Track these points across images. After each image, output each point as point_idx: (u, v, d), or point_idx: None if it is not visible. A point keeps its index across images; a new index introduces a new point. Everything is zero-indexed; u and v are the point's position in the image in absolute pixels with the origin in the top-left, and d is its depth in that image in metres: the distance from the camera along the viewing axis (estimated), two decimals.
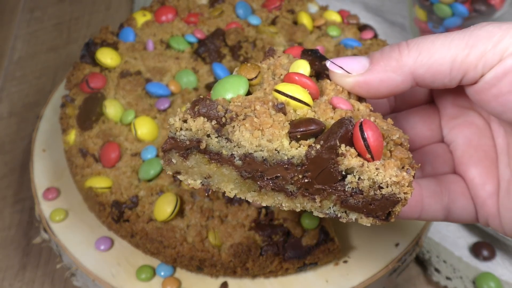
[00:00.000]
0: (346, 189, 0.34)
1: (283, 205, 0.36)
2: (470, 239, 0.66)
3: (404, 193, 0.33)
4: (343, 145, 0.32)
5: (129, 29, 0.65)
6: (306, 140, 0.33)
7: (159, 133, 0.57)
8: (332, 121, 0.34)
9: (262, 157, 0.34)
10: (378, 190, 0.33)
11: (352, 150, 0.32)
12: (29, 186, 0.71)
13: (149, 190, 0.52)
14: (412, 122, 0.43)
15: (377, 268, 0.53)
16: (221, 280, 0.52)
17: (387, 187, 0.33)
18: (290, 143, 0.33)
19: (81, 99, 0.59)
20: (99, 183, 0.53)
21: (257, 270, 0.50)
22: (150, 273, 0.52)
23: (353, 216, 0.36)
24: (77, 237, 0.55)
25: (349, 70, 0.35)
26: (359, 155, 0.32)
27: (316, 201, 0.35)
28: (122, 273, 0.53)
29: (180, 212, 0.51)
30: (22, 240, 0.67)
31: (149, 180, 0.53)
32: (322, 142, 0.32)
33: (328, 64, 0.36)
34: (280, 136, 0.33)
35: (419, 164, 0.34)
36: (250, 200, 0.37)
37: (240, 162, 0.35)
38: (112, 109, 0.57)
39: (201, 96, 0.35)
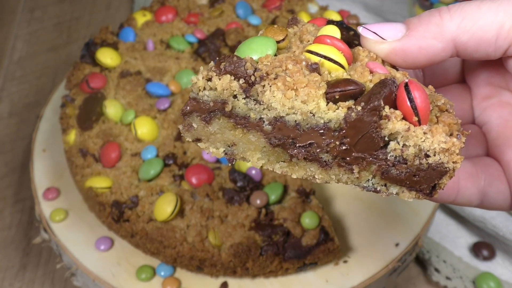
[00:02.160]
0: (388, 158, 0.31)
1: (316, 177, 0.33)
2: (470, 239, 0.66)
3: (453, 162, 0.30)
4: (387, 107, 0.29)
5: (129, 29, 0.65)
6: (345, 101, 0.30)
7: (159, 133, 0.57)
8: (371, 84, 0.30)
9: (295, 121, 0.30)
10: (425, 159, 0.30)
11: (398, 112, 0.29)
12: (29, 186, 0.71)
13: (149, 190, 0.52)
14: None
15: (377, 268, 0.53)
16: (221, 280, 0.52)
17: (435, 155, 0.30)
18: (327, 104, 0.30)
19: (81, 99, 0.59)
20: (99, 183, 0.53)
21: (257, 270, 0.50)
22: (150, 273, 0.52)
23: (394, 189, 0.32)
24: (77, 237, 0.55)
25: (384, 36, 0.33)
26: (404, 118, 0.29)
27: (354, 171, 0.32)
28: (122, 273, 0.53)
29: (180, 212, 0.51)
30: (22, 240, 0.67)
31: (149, 180, 0.53)
32: (363, 103, 0.29)
33: (360, 29, 0.33)
34: (316, 96, 0.29)
35: (469, 131, 0.31)
36: (278, 171, 0.33)
37: (269, 127, 0.31)
38: (112, 109, 0.57)
39: (226, 54, 0.32)
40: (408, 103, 0.29)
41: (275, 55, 0.32)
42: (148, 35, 0.65)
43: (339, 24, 0.35)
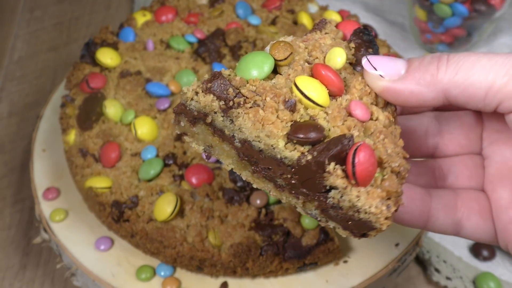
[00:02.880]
0: (327, 201, 0.34)
1: (271, 193, 0.37)
2: None
3: (380, 224, 0.32)
4: (332, 164, 0.32)
5: (129, 29, 0.65)
6: (302, 146, 0.33)
7: (159, 133, 0.57)
8: (338, 131, 0.33)
9: (259, 147, 0.34)
10: (357, 213, 0.33)
11: (340, 171, 0.32)
12: (29, 186, 0.71)
13: (149, 190, 0.52)
14: (453, 126, 0.41)
15: (377, 268, 0.53)
16: (221, 280, 0.52)
17: (365, 213, 0.32)
18: (286, 144, 0.33)
19: (81, 99, 0.59)
20: (99, 183, 0.53)
21: (257, 270, 0.50)
22: (150, 273, 0.52)
23: (331, 224, 0.36)
24: (77, 237, 0.55)
25: (383, 74, 0.34)
26: (346, 176, 0.32)
27: (299, 200, 0.36)
28: (122, 273, 0.53)
29: (180, 212, 0.51)
30: (22, 240, 0.67)
31: (149, 180, 0.53)
32: (315, 153, 0.32)
33: (363, 61, 0.35)
34: (277, 136, 0.33)
35: (403, 203, 0.33)
36: (244, 178, 0.38)
37: (239, 144, 0.35)
38: (112, 109, 0.57)
39: (222, 70, 0.35)
40: (351, 166, 0.31)
41: (276, 69, 0.35)
42: (148, 35, 0.65)
43: (365, 35, 0.37)
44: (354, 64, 0.37)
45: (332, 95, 0.35)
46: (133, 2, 0.98)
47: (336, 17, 0.67)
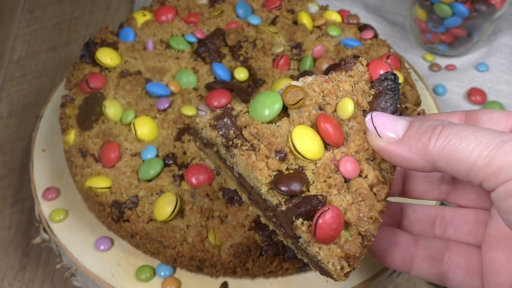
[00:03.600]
0: (299, 244, 0.37)
1: (261, 219, 0.42)
2: None
3: (338, 277, 0.35)
4: (300, 219, 0.35)
5: (129, 29, 0.65)
6: (281, 196, 0.36)
7: (159, 133, 0.57)
8: (319, 186, 0.36)
9: (250, 184, 0.37)
10: (319, 261, 0.36)
11: (305, 227, 0.35)
12: (29, 186, 0.71)
13: (149, 190, 0.52)
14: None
15: (377, 268, 0.53)
16: (221, 280, 0.52)
17: (325, 265, 0.35)
18: (268, 190, 0.36)
19: (81, 99, 0.59)
20: (99, 183, 0.53)
21: (257, 270, 0.50)
22: (150, 273, 0.52)
23: (305, 259, 0.40)
24: (77, 237, 0.55)
25: (381, 134, 0.35)
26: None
27: (280, 232, 0.40)
28: (122, 273, 0.53)
29: (180, 212, 0.51)
30: (22, 240, 0.67)
31: (149, 180, 0.53)
32: (289, 205, 0.35)
33: (366, 119, 0.36)
34: (261, 182, 0.36)
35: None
36: (243, 199, 0.42)
37: (237, 175, 0.38)
38: (112, 109, 0.57)
39: (234, 107, 0.38)
40: (313, 227, 0.34)
41: (282, 111, 0.38)
42: (148, 35, 0.65)
43: (390, 83, 0.38)
44: (368, 111, 0.38)
45: (330, 144, 0.37)
46: (133, 2, 0.98)
47: (336, 17, 0.67)
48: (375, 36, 0.66)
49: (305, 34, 0.65)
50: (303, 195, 0.35)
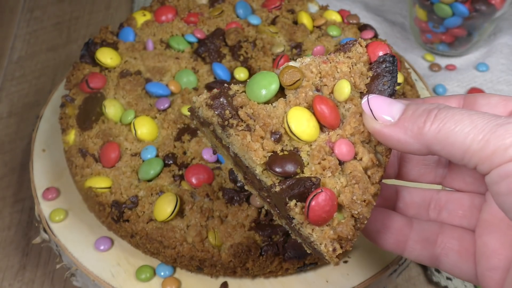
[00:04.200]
0: (292, 225, 0.37)
1: (257, 198, 0.42)
2: None
3: (330, 259, 0.35)
4: (294, 201, 0.35)
5: (129, 29, 0.65)
6: (276, 176, 0.36)
7: (159, 133, 0.57)
8: (313, 168, 0.36)
9: (245, 164, 0.37)
10: (312, 243, 0.36)
11: (298, 209, 0.35)
12: (29, 186, 0.71)
13: (149, 190, 0.52)
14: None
15: (377, 268, 0.53)
16: (221, 280, 0.52)
17: (317, 246, 0.35)
18: (263, 170, 0.36)
19: (81, 99, 0.59)
20: (99, 183, 0.53)
21: (257, 270, 0.50)
22: (150, 273, 0.52)
23: (298, 239, 0.40)
24: (77, 237, 0.55)
25: (377, 117, 0.35)
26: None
27: (274, 212, 0.40)
28: (122, 273, 0.53)
29: (180, 212, 0.51)
30: (22, 240, 0.67)
31: (149, 180, 0.53)
32: (283, 186, 0.35)
33: (363, 101, 0.36)
34: (255, 163, 0.36)
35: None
36: (239, 178, 0.42)
37: (232, 154, 0.38)
38: (112, 109, 0.57)
39: (231, 86, 0.37)
40: (306, 209, 0.34)
41: (282, 88, 0.38)
42: (148, 35, 0.65)
43: (388, 65, 0.38)
44: (365, 94, 0.38)
45: (326, 126, 0.37)
46: (133, 2, 0.98)
47: (336, 17, 0.67)
48: (375, 36, 0.66)
49: (305, 34, 0.65)
50: (297, 176, 0.35)
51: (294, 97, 0.37)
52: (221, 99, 0.36)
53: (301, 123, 0.36)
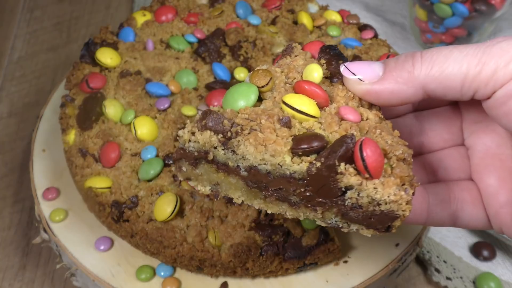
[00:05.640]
0: (346, 204, 0.35)
1: (287, 213, 0.38)
2: (470, 239, 0.66)
3: (403, 210, 0.33)
4: (342, 164, 0.33)
5: (129, 29, 0.65)
6: (308, 156, 0.34)
7: (159, 133, 0.57)
8: (337, 135, 0.34)
9: (266, 170, 0.35)
10: (377, 206, 0.34)
11: (351, 169, 0.33)
12: (29, 186, 0.71)
13: (149, 190, 0.52)
14: (434, 122, 0.42)
15: (377, 268, 0.53)
16: (221, 280, 0.52)
17: (386, 204, 0.33)
18: (292, 158, 0.34)
19: (81, 99, 0.59)
20: (99, 183, 0.53)
21: (257, 270, 0.50)
22: (150, 273, 0.52)
23: (354, 227, 0.37)
24: (77, 237, 0.55)
25: (362, 78, 0.35)
26: (358, 173, 0.33)
27: (317, 212, 0.36)
28: (122, 273, 0.53)
29: (180, 212, 0.51)
30: (22, 240, 0.67)
31: (149, 180, 0.53)
32: (322, 159, 0.33)
33: (342, 69, 0.36)
34: (282, 152, 0.34)
35: (419, 183, 0.34)
36: (256, 207, 0.38)
37: (245, 173, 0.36)
38: (112, 109, 0.57)
39: (210, 108, 0.36)
40: (361, 161, 0.32)
41: (260, 98, 0.37)
42: (148, 35, 0.65)
43: (332, 50, 0.39)
44: (330, 77, 0.39)
45: (320, 107, 0.36)
46: (133, 1, 0.98)
47: (336, 17, 0.67)
48: (375, 36, 0.66)
49: (305, 34, 0.65)
50: (328, 146, 0.34)
51: (276, 92, 0.37)
52: (212, 115, 0.35)
53: (302, 101, 0.36)
